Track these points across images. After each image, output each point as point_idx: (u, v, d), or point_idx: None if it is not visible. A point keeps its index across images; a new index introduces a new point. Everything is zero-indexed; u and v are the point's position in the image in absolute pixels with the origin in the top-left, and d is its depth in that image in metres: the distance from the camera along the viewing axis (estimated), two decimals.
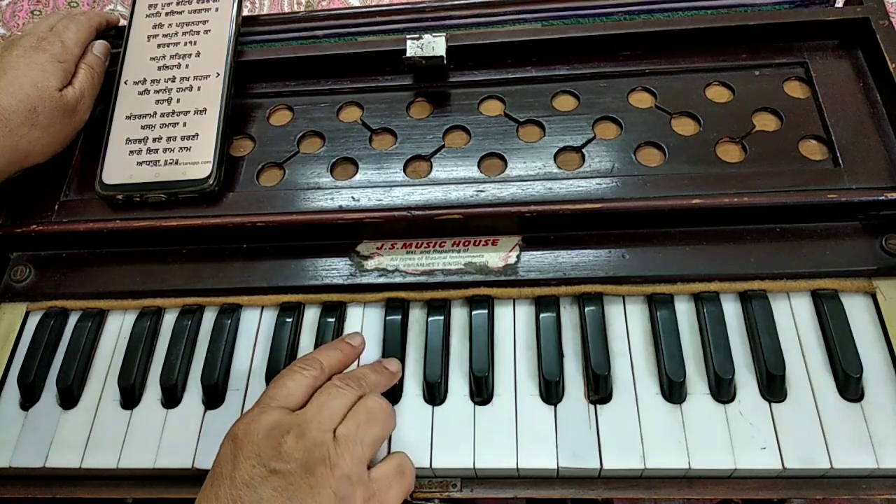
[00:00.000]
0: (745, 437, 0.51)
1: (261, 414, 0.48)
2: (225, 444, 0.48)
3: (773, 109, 0.62)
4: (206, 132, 0.64)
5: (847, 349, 0.52)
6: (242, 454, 0.46)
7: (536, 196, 0.59)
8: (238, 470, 0.46)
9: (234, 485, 0.45)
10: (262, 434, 0.47)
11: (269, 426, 0.47)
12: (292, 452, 0.46)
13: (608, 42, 0.66)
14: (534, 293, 0.58)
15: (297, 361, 0.53)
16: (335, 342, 0.56)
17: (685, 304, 0.57)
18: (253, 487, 0.45)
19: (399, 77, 0.69)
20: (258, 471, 0.45)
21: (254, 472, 0.45)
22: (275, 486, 0.45)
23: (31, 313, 0.64)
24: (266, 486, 0.45)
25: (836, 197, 0.56)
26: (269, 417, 0.48)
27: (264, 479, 0.45)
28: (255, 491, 0.45)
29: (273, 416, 0.48)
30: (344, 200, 0.61)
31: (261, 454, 0.46)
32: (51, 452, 0.57)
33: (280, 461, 0.46)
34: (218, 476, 0.46)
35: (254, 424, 0.48)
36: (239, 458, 0.46)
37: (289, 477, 0.45)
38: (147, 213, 0.63)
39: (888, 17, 0.62)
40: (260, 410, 0.49)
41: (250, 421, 0.48)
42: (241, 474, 0.45)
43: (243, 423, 0.48)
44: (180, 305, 0.62)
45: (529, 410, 0.54)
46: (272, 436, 0.47)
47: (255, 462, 0.46)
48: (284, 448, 0.46)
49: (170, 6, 0.70)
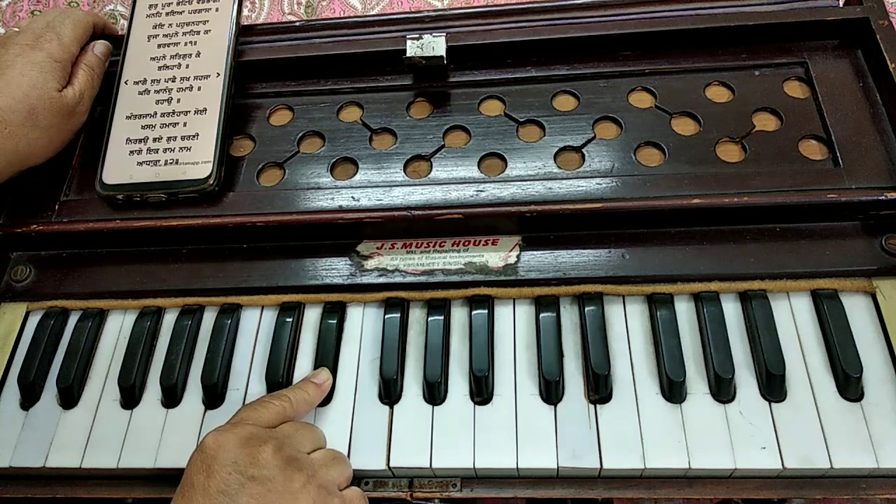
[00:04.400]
0: (745, 436, 0.51)
1: (234, 427, 0.48)
2: (195, 456, 0.47)
3: (773, 109, 0.62)
4: (206, 132, 0.64)
5: (847, 349, 0.52)
6: (217, 463, 0.46)
7: (536, 196, 0.59)
8: (212, 479, 0.45)
9: (209, 494, 0.45)
10: (238, 444, 0.47)
11: (246, 436, 0.47)
12: (271, 460, 0.46)
13: (608, 42, 0.66)
14: (534, 293, 0.59)
15: (267, 396, 0.54)
16: (301, 382, 0.56)
17: (685, 304, 0.57)
18: (230, 495, 0.45)
19: (399, 77, 0.69)
20: (235, 478, 0.45)
21: (230, 480, 0.45)
22: (253, 493, 0.45)
23: (31, 313, 0.64)
24: (244, 493, 0.45)
25: (835, 197, 0.56)
26: (243, 430, 0.48)
27: (242, 487, 0.45)
28: (233, 498, 0.45)
29: (248, 429, 0.48)
30: (344, 200, 0.61)
31: (238, 461, 0.46)
32: (51, 452, 0.57)
33: (258, 468, 0.46)
34: (189, 487, 0.46)
35: (228, 435, 0.47)
36: (213, 467, 0.46)
37: (267, 483, 0.45)
38: (147, 213, 0.63)
39: (888, 17, 0.62)
40: (232, 425, 0.49)
41: (223, 432, 0.48)
42: (217, 482, 0.45)
43: (214, 434, 0.48)
44: (180, 305, 0.62)
45: (529, 410, 0.54)
46: (249, 444, 0.47)
47: (232, 469, 0.45)
48: (262, 457, 0.46)
49: (170, 6, 0.70)
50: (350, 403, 0.56)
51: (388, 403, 0.56)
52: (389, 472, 0.54)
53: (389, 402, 0.56)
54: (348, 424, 0.55)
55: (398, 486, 0.54)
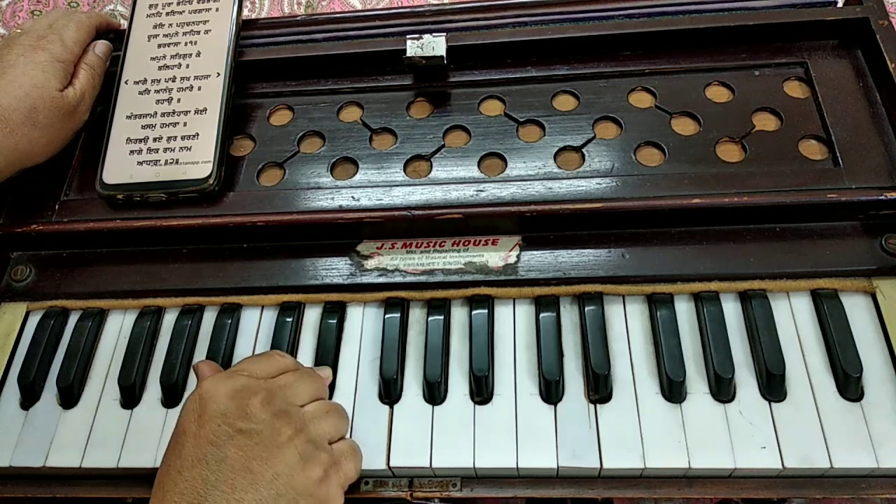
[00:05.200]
0: (745, 436, 0.51)
1: (229, 377, 0.49)
2: (189, 402, 0.48)
3: (772, 109, 0.62)
4: (206, 132, 0.64)
5: (847, 349, 0.52)
6: (207, 413, 0.46)
7: (536, 196, 0.59)
8: (203, 428, 0.46)
9: (199, 443, 0.45)
10: (228, 394, 0.47)
11: (237, 388, 0.48)
12: (259, 413, 0.47)
13: (608, 42, 0.66)
14: (534, 293, 0.59)
15: (276, 351, 0.54)
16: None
17: (685, 304, 0.57)
18: (218, 446, 0.45)
19: (399, 77, 0.69)
20: (223, 430, 0.46)
21: (219, 431, 0.46)
22: (239, 445, 0.45)
23: (31, 313, 0.64)
24: (231, 444, 0.45)
25: (835, 197, 0.56)
26: (237, 381, 0.48)
27: (230, 438, 0.45)
28: (220, 449, 0.45)
29: (241, 381, 0.49)
30: (344, 200, 0.61)
31: (227, 413, 0.46)
32: (51, 452, 0.57)
33: (246, 421, 0.46)
34: (182, 434, 0.47)
35: (221, 384, 0.48)
36: (203, 417, 0.46)
37: (254, 437, 0.46)
38: (147, 212, 0.63)
39: (888, 17, 0.62)
40: (228, 375, 0.49)
41: (217, 381, 0.48)
42: (206, 433, 0.45)
43: (210, 382, 0.48)
44: (180, 305, 0.62)
45: (529, 410, 0.54)
46: (239, 396, 0.47)
47: (221, 421, 0.46)
48: (251, 409, 0.47)
49: (170, 6, 0.70)
50: (350, 403, 0.56)
51: (388, 403, 0.56)
52: (389, 472, 0.54)
53: (389, 401, 0.56)
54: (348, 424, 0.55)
55: (398, 485, 0.54)
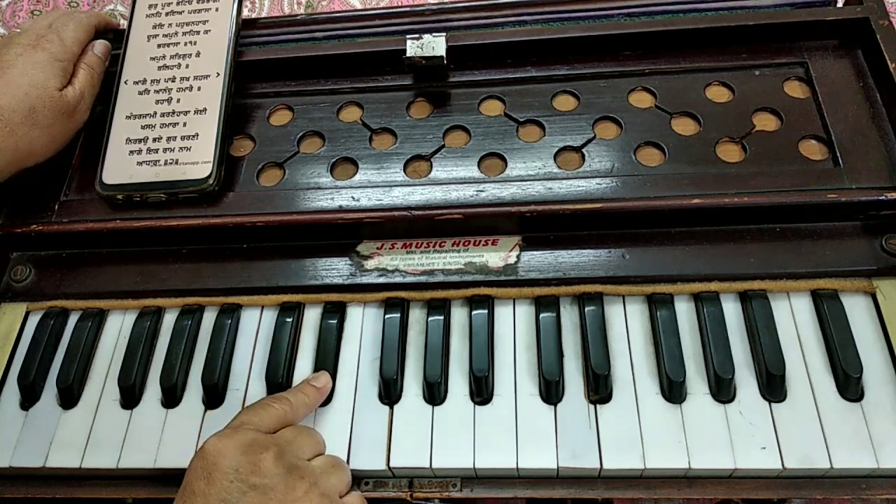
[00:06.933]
0: (745, 436, 0.51)
1: (234, 433, 0.48)
2: (195, 461, 0.47)
3: (773, 109, 0.62)
4: (206, 132, 0.64)
5: (847, 349, 0.52)
6: (218, 470, 0.45)
7: (536, 196, 0.59)
8: (213, 486, 0.45)
9: (209, 501, 0.44)
10: (239, 449, 0.46)
11: (247, 443, 0.47)
12: (272, 468, 0.46)
13: (608, 42, 0.66)
14: (534, 293, 0.59)
15: (267, 398, 0.53)
16: (301, 385, 0.55)
17: (685, 304, 0.57)
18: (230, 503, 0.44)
19: (399, 77, 0.69)
20: (236, 486, 0.45)
21: (231, 488, 0.45)
22: (253, 502, 0.45)
23: (31, 313, 0.64)
24: (244, 501, 0.44)
25: (836, 197, 0.56)
26: (245, 435, 0.48)
27: (243, 495, 0.45)
28: None
29: (249, 435, 0.48)
30: (344, 200, 0.61)
31: (239, 469, 0.45)
32: (51, 452, 0.57)
33: (260, 476, 0.45)
34: (190, 493, 0.45)
35: (228, 441, 0.47)
36: (214, 474, 0.45)
37: (269, 492, 0.45)
38: (147, 213, 0.63)
39: (888, 16, 0.62)
40: (233, 430, 0.48)
41: (223, 437, 0.47)
42: (217, 490, 0.45)
43: (215, 439, 0.47)
44: (180, 305, 0.62)
45: (529, 410, 0.54)
46: (250, 452, 0.46)
47: (234, 477, 0.45)
48: (264, 465, 0.46)
49: (170, 6, 0.70)
50: (350, 403, 0.56)
51: (388, 403, 0.56)
52: (389, 473, 0.54)
53: (389, 402, 0.56)
54: (348, 424, 0.55)
55: (398, 486, 0.54)
